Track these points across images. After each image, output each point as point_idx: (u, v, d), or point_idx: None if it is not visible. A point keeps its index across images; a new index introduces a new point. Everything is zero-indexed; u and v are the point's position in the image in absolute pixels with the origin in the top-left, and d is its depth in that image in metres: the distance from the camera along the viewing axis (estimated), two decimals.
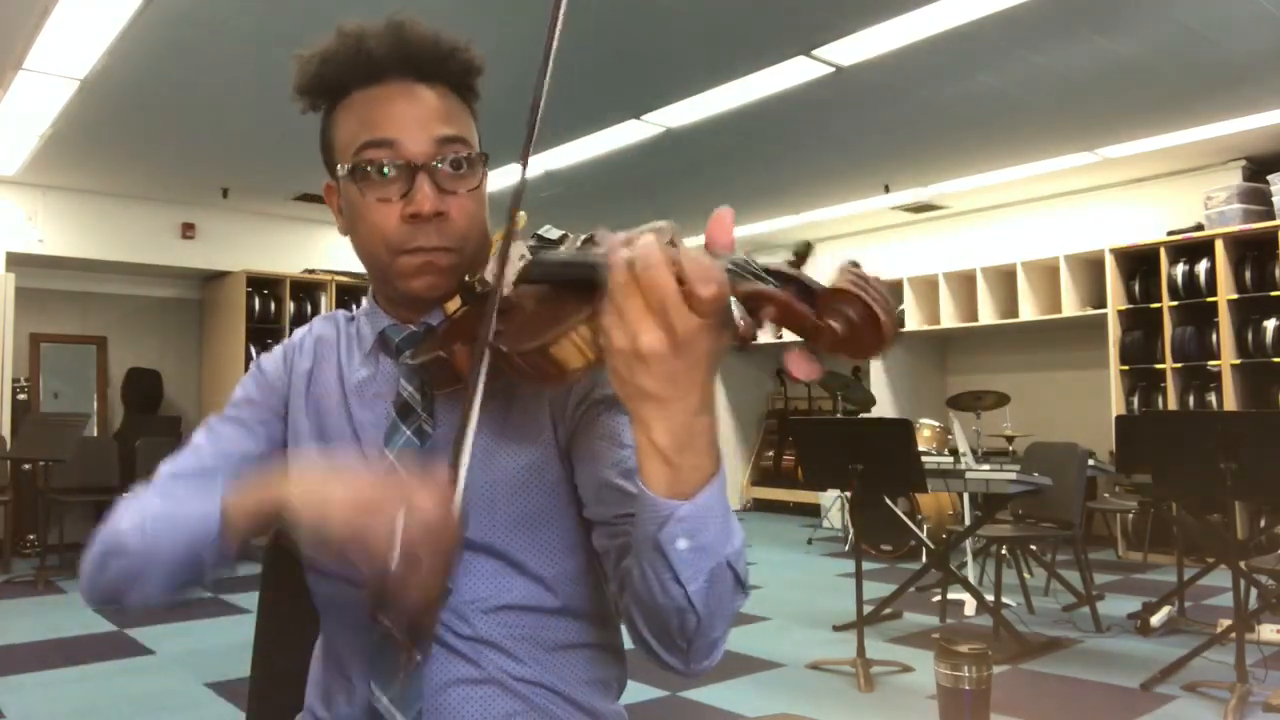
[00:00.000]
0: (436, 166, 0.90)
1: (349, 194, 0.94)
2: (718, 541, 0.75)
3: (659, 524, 0.73)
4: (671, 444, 0.70)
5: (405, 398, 0.95)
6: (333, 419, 0.99)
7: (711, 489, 0.73)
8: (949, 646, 0.89)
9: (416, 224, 0.90)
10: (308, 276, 7.68)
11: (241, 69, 4.50)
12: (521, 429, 0.93)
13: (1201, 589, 4.79)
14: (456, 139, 0.92)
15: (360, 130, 0.91)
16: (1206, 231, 6.05)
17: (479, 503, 0.91)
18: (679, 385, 0.68)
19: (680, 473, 0.71)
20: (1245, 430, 3.28)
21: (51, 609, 4.99)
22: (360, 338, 1.04)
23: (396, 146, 0.90)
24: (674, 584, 0.75)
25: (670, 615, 0.77)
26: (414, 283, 0.92)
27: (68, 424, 5.93)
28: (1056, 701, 3.38)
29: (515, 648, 0.91)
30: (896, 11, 3.94)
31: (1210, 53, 4.45)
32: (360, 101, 0.93)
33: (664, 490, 0.72)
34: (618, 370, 0.70)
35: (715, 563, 0.75)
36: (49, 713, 3.35)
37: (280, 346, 1.09)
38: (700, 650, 0.80)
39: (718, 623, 0.79)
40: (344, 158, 0.93)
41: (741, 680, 3.66)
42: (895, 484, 4.60)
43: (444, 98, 0.94)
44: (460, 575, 0.91)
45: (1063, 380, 7.30)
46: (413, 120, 0.91)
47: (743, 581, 0.79)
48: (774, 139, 5.72)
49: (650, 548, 0.74)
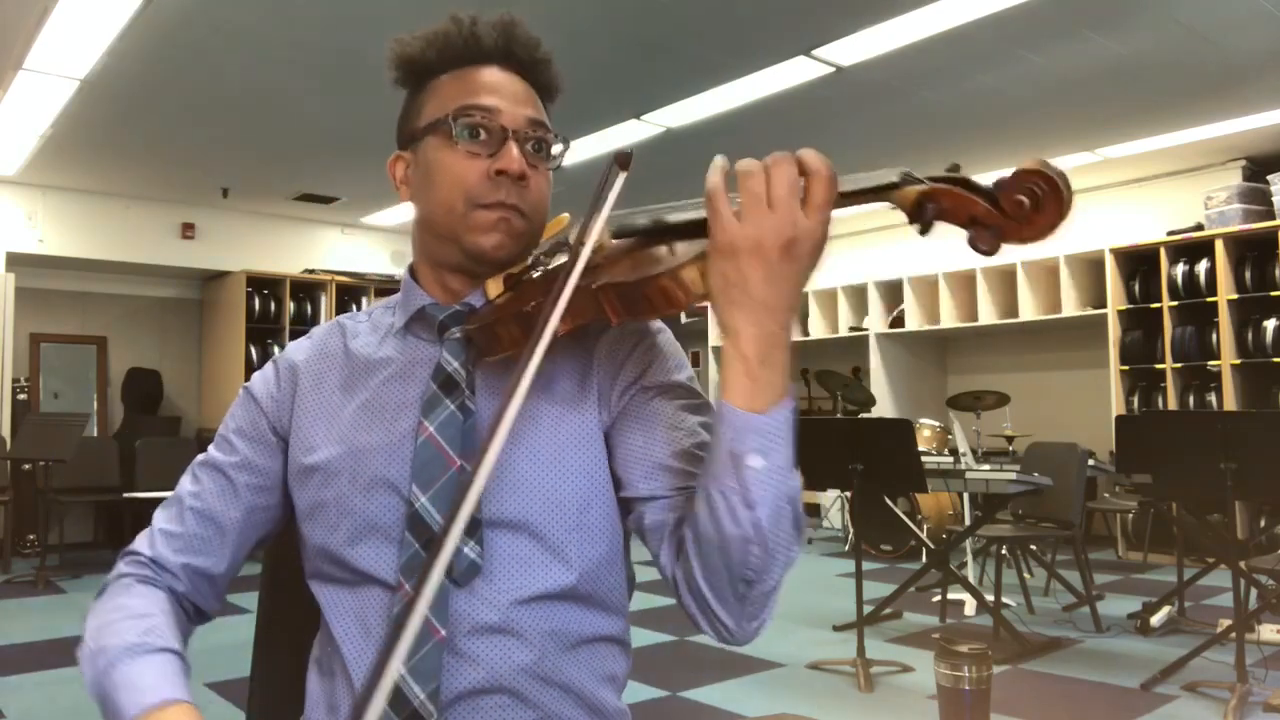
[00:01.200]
0: (526, 139, 0.97)
1: (431, 152, 0.98)
2: (785, 469, 0.79)
3: (736, 436, 0.78)
4: (758, 353, 0.77)
5: (450, 372, 0.96)
6: (349, 413, 0.99)
7: (784, 408, 0.79)
8: (949, 646, 0.89)
9: (499, 181, 0.94)
10: (308, 276, 7.69)
11: (242, 69, 4.50)
12: (565, 411, 0.95)
13: (1201, 589, 4.79)
14: (543, 124, 1.00)
15: (460, 95, 0.97)
16: (1206, 231, 6.05)
17: (521, 483, 0.92)
18: (778, 291, 0.76)
19: (759, 385, 0.78)
20: (1245, 430, 3.28)
21: (51, 609, 4.99)
22: (378, 326, 1.05)
23: (494, 112, 0.96)
24: (743, 507, 0.78)
25: (735, 548, 0.80)
26: (485, 239, 0.95)
27: (68, 424, 5.93)
28: (1056, 701, 3.38)
29: (541, 641, 0.90)
30: (896, 11, 3.94)
31: (1210, 53, 4.45)
32: (463, 75, 0.99)
33: (744, 402, 0.78)
34: (725, 273, 0.76)
35: (781, 491, 0.79)
36: (49, 713, 3.35)
37: (270, 363, 1.08)
38: (755, 602, 0.84)
39: (776, 565, 0.82)
40: (435, 117, 0.97)
41: (741, 680, 3.66)
42: (895, 484, 4.60)
43: (533, 93, 1.01)
44: (495, 559, 0.90)
45: (1063, 380, 7.30)
46: (512, 95, 0.98)
47: (800, 525, 0.83)
48: (774, 139, 5.67)
49: (725, 467, 0.79)
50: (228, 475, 1.02)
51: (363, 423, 0.98)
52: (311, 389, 1.03)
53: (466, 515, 0.65)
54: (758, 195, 0.76)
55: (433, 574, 0.63)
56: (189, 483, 1.04)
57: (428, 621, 0.87)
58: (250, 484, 1.02)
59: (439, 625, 0.88)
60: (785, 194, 0.76)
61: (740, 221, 0.76)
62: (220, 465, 1.03)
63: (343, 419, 0.99)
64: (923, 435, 6.09)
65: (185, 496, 1.03)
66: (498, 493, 0.91)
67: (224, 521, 1.01)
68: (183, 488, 1.04)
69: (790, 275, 0.76)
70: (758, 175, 0.77)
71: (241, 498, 1.02)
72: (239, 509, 1.02)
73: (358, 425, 0.98)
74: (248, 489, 1.02)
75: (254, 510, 1.02)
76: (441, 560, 0.63)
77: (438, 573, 0.63)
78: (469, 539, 0.90)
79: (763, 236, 0.75)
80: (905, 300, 7.72)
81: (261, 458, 1.02)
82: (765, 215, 0.75)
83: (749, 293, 0.76)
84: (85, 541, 6.75)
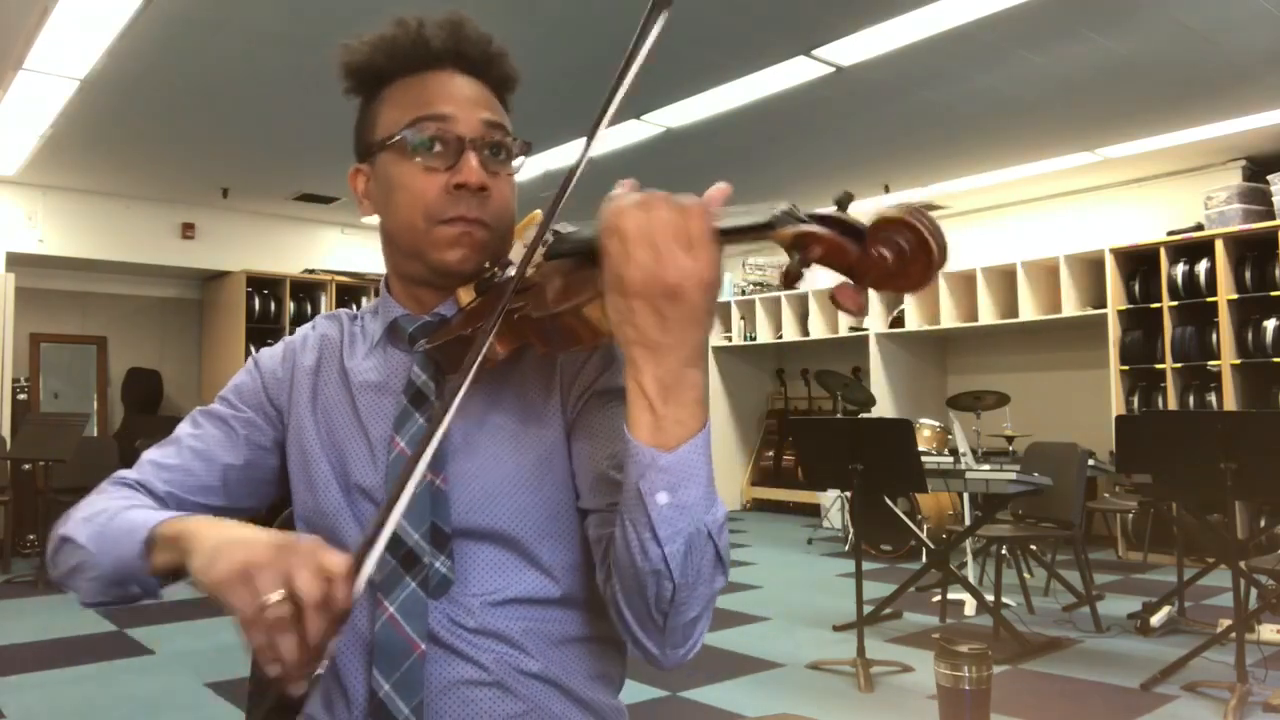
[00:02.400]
0: (483, 145, 0.95)
1: (389, 167, 0.96)
2: (699, 504, 0.76)
3: (640, 472, 0.75)
4: (658, 391, 0.73)
5: (419, 386, 0.97)
6: (340, 415, 1.00)
7: (694, 445, 0.75)
8: (949, 646, 0.89)
9: (459, 195, 0.93)
10: (308, 276, 7.69)
11: (241, 69, 4.50)
12: (531, 420, 0.95)
13: (1201, 589, 4.79)
14: (500, 126, 0.97)
15: (413, 107, 0.95)
16: (1206, 231, 6.05)
17: (488, 493, 0.92)
18: (671, 331, 0.71)
19: (664, 422, 0.74)
20: (1245, 430, 3.28)
21: (51, 609, 4.99)
22: (366, 333, 1.05)
23: (449, 120, 0.94)
24: (653, 543, 0.75)
25: (648, 581, 0.77)
26: (449, 254, 0.94)
27: (68, 424, 5.93)
28: (1056, 701, 3.38)
29: (522, 640, 0.91)
30: (896, 11, 3.94)
31: (1210, 53, 4.45)
32: (414, 83, 0.97)
33: (647, 438, 0.74)
34: (617, 310, 0.73)
35: (695, 527, 0.76)
36: (49, 713, 3.35)
37: (281, 342, 1.09)
38: (676, 631, 0.80)
39: (695, 599, 0.79)
40: (390, 131, 0.96)
41: (741, 680, 3.66)
42: (895, 484, 4.60)
43: (488, 92, 0.99)
44: (468, 569, 0.91)
45: (1063, 380, 7.30)
46: (465, 100, 0.95)
47: (723, 558, 0.79)
48: (774, 139, 5.72)
49: (633, 500, 0.76)
50: (230, 425, 1.03)
51: (348, 429, 0.99)
52: (308, 378, 1.04)
53: (399, 512, 0.71)
54: (637, 238, 0.71)
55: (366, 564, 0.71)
56: (189, 425, 1.04)
57: (406, 635, 0.89)
58: (251, 439, 1.03)
59: (417, 639, 0.89)
60: (665, 237, 0.70)
61: (624, 263, 0.71)
62: (223, 415, 1.04)
63: (334, 419, 1.00)
64: (923, 435, 6.08)
65: (184, 437, 1.03)
66: (466, 503, 0.92)
67: (221, 465, 1.01)
68: (181, 430, 1.04)
69: (682, 316, 0.71)
70: (638, 216, 0.72)
71: (242, 448, 1.02)
72: (239, 457, 1.02)
73: (345, 430, 0.99)
74: (248, 442, 1.03)
75: (250, 465, 1.02)
76: (375, 551, 0.71)
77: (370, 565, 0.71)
78: (439, 554, 0.91)
79: (644, 280, 0.71)
80: (905, 300, 7.72)
81: (261, 419, 1.04)
82: (646, 258, 0.70)
83: (642, 332, 0.72)
84: None
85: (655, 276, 0.70)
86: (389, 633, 0.89)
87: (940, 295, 7.48)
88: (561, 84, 4.56)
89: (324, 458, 0.98)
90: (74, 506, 0.96)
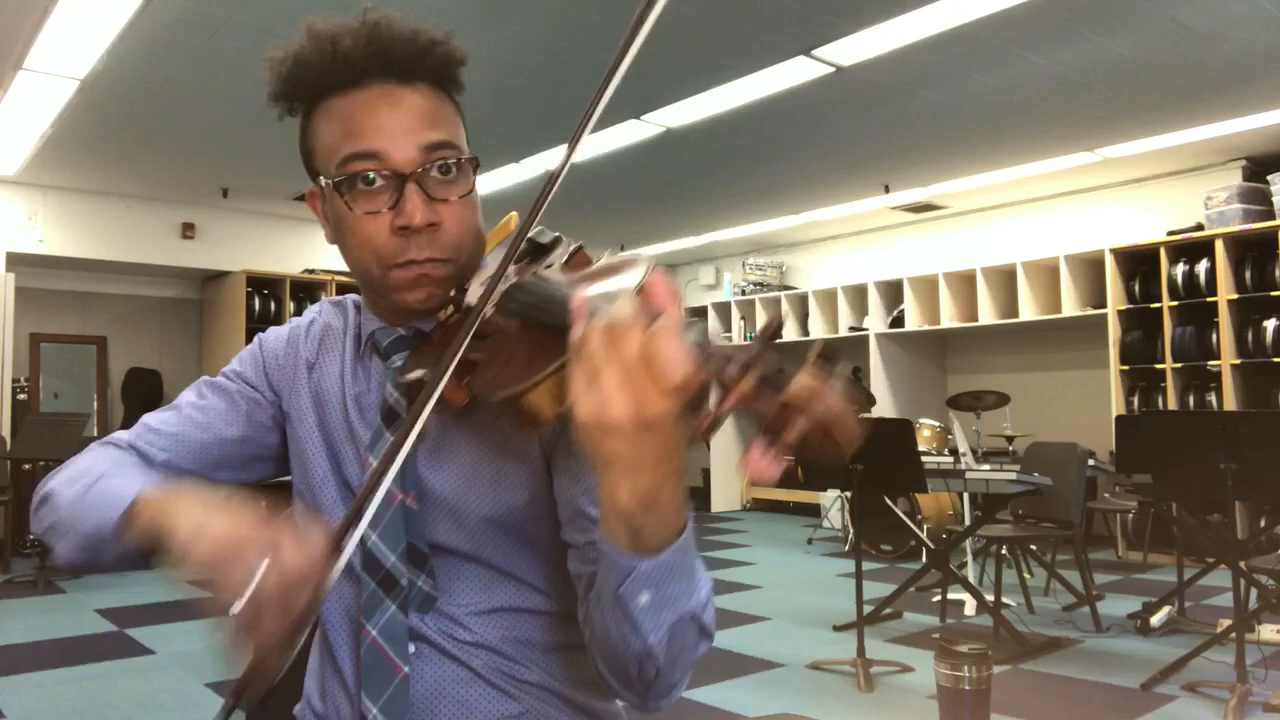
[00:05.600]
0: (425, 174, 0.87)
1: (335, 206, 0.90)
2: (682, 595, 0.73)
3: (619, 580, 0.71)
4: (636, 507, 0.67)
5: (391, 404, 0.94)
6: (333, 414, 0.99)
7: (676, 547, 0.70)
8: (949, 646, 0.90)
9: (407, 235, 0.86)
10: (308, 276, 7.69)
11: (241, 69, 4.50)
12: (507, 439, 0.92)
13: (1201, 589, 4.79)
14: (444, 144, 0.88)
15: (343, 141, 0.87)
16: (1206, 231, 6.05)
17: (463, 511, 0.91)
18: (646, 454, 0.64)
19: (643, 534, 0.69)
20: (1245, 430, 3.28)
21: (51, 609, 4.99)
22: (360, 337, 1.04)
23: (382, 157, 0.86)
24: (634, 636, 0.73)
25: (630, 663, 0.75)
26: (409, 295, 0.89)
27: (68, 424, 5.92)
28: (1056, 701, 3.38)
29: (513, 650, 0.91)
30: (896, 11, 3.94)
31: (1210, 53, 4.45)
32: (339, 109, 0.88)
33: (626, 547, 0.69)
34: (582, 435, 0.65)
35: (678, 616, 0.73)
36: (49, 713, 3.35)
37: (286, 327, 1.07)
38: (658, 692, 0.79)
39: (679, 670, 0.78)
40: (326, 169, 0.89)
41: (741, 680, 3.66)
42: (895, 484, 4.60)
43: (427, 97, 0.89)
44: (451, 582, 0.91)
45: (1063, 380, 7.30)
46: (398, 128, 0.86)
47: (708, 631, 0.77)
48: (774, 139, 5.72)
49: (611, 601, 0.73)
50: (234, 398, 1.02)
51: (340, 429, 0.98)
52: (306, 370, 1.03)
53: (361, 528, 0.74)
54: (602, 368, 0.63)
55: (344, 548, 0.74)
56: (193, 394, 1.03)
57: (390, 660, 0.89)
58: (253, 416, 1.02)
59: (399, 663, 0.89)
60: (636, 369, 0.62)
61: (590, 389, 0.63)
62: (227, 389, 1.03)
63: (328, 415, 1.00)
64: (923, 435, 6.09)
65: (185, 405, 1.02)
66: (441, 522, 0.91)
67: (222, 437, 1.00)
68: (184, 397, 1.02)
69: (656, 440, 0.63)
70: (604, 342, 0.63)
71: (242, 423, 1.01)
72: (239, 430, 1.01)
73: (338, 430, 0.99)
74: (249, 419, 1.02)
75: (250, 440, 1.01)
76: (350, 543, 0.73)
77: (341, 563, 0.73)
78: (419, 572, 0.90)
79: (614, 413, 0.62)
80: (905, 300, 7.72)
81: (263, 399, 1.03)
82: (616, 391, 0.62)
83: (612, 457, 0.65)
84: None
85: (623, 414, 0.62)
86: (374, 657, 0.89)
87: (940, 295, 7.49)
88: (554, 87, 4.56)
89: (322, 451, 0.98)
90: (61, 464, 0.95)
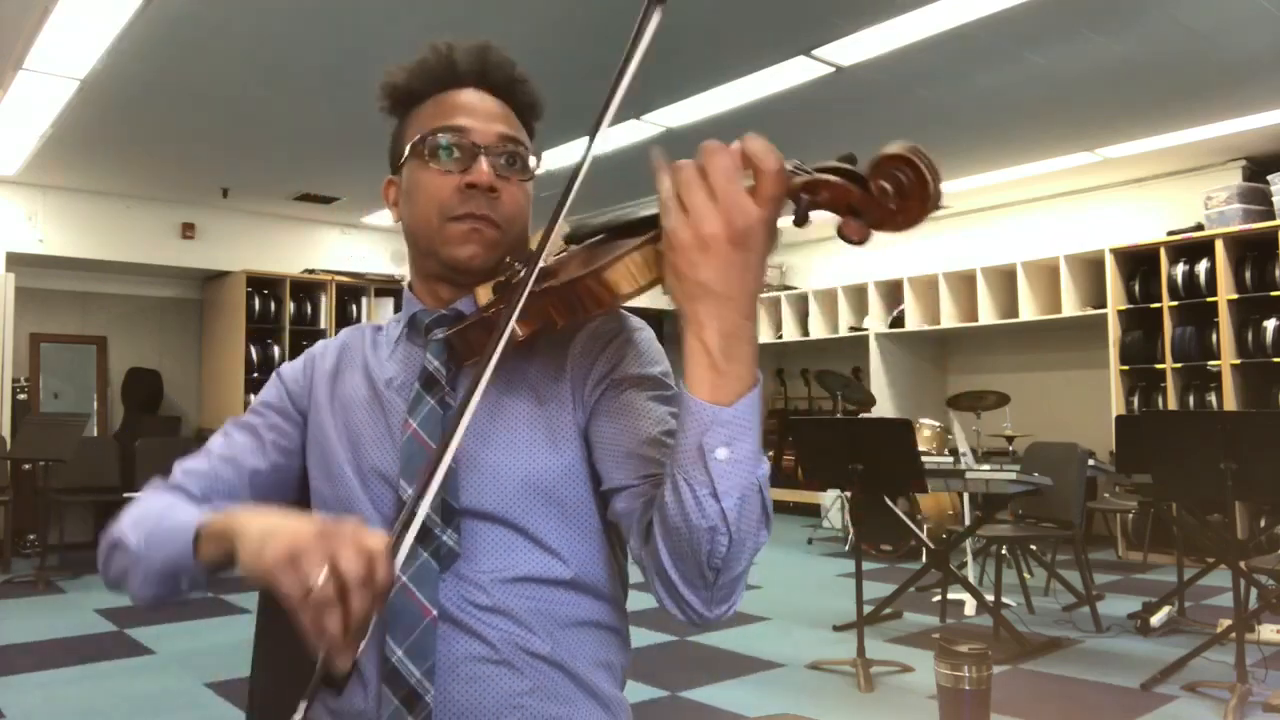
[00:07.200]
0: (497, 154, 1.02)
1: (411, 173, 1.04)
2: (751, 458, 0.80)
3: (702, 429, 0.78)
4: (720, 345, 0.76)
5: (431, 371, 1.03)
6: (358, 405, 1.06)
7: (750, 399, 0.78)
8: (949, 646, 0.90)
9: (470, 193, 1.00)
10: (308, 276, 7.68)
11: (241, 69, 4.50)
12: (539, 408, 0.99)
13: (1201, 589, 4.79)
14: (516, 139, 1.04)
15: (436, 117, 1.03)
16: (1206, 231, 6.05)
17: (495, 476, 0.96)
18: (734, 281, 0.74)
19: (724, 378, 0.77)
20: (1245, 430, 3.28)
21: (51, 609, 4.99)
22: (389, 337, 1.12)
23: (465, 131, 1.01)
24: (710, 499, 0.79)
25: (702, 538, 0.80)
26: (459, 250, 1.01)
27: (68, 424, 5.93)
28: (1056, 701, 3.38)
29: (531, 620, 0.95)
30: (896, 11, 3.94)
31: (1210, 53, 4.45)
32: (439, 99, 1.05)
33: (708, 395, 0.77)
34: (679, 267, 0.75)
35: (748, 480, 0.79)
36: (49, 713, 3.35)
37: (302, 356, 1.18)
38: (724, 588, 0.84)
39: (744, 552, 0.82)
40: (412, 140, 1.03)
41: (741, 680, 3.66)
42: (895, 484, 4.59)
43: (511, 114, 1.07)
44: (476, 546, 0.96)
45: (1063, 380, 7.30)
46: (482, 114, 1.03)
47: (768, 512, 0.83)
48: (774, 139, 5.68)
49: (691, 459, 0.79)
50: (258, 433, 1.11)
51: (366, 416, 1.05)
52: (326, 381, 1.11)
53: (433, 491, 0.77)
54: (699, 187, 0.74)
55: (403, 545, 0.76)
56: (220, 438, 1.13)
57: (418, 602, 0.94)
58: (277, 444, 1.11)
59: (429, 605, 0.94)
60: (725, 183, 0.74)
61: (686, 215, 0.74)
62: (251, 424, 1.13)
63: (351, 410, 1.07)
64: (923, 435, 6.08)
65: (214, 448, 1.11)
66: (474, 485, 0.97)
67: (249, 469, 1.09)
68: (213, 441, 1.13)
69: (744, 264, 0.74)
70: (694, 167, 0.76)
71: (268, 454, 1.10)
72: (265, 462, 1.10)
73: (362, 417, 1.05)
74: (274, 448, 1.11)
75: (277, 469, 1.10)
76: (410, 533, 0.76)
77: (405, 546, 0.76)
78: (447, 527, 0.95)
79: (709, 228, 0.73)
80: (905, 300, 7.72)
81: (288, 425, 1.12)
82: (709, 207, 0.73)
83: (705, 286, 0.75)
84: (85, 541, 6.74)
85: (723, 223, 0.73)
86: (402, 600, 0.93)
87: (940, 295, 7.49)
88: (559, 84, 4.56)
89: (340, 447, 1.04)
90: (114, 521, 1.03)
